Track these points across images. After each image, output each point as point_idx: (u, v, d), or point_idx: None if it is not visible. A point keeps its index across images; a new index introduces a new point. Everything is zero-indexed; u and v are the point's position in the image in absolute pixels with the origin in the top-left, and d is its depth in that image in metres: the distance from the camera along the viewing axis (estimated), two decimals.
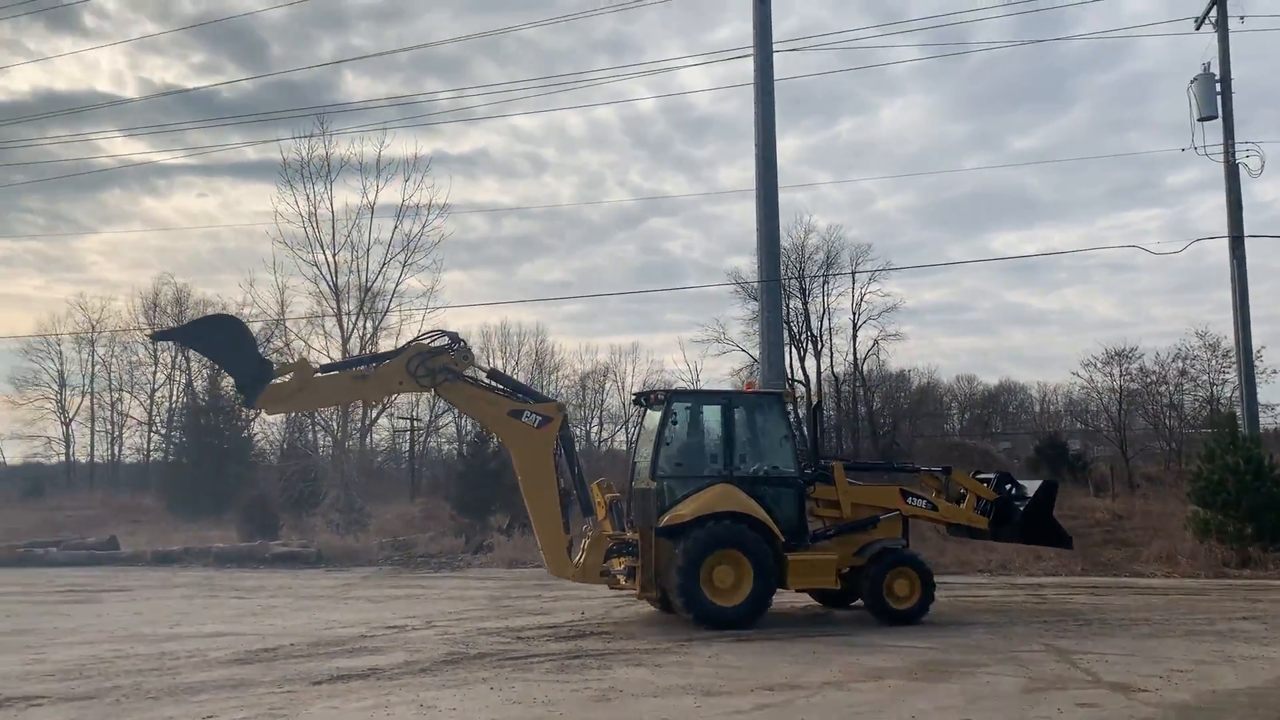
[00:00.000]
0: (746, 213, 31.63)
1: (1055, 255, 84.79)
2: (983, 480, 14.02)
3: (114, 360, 48.29)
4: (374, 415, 34.73)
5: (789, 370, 39.85)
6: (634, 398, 13.62)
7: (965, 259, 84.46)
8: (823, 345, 42.26)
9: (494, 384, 13.00)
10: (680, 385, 51.05)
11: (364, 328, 33.94)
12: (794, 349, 41.46)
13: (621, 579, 12.39)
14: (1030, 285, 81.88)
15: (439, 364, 12.36)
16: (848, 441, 42.70)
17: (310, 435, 35.16)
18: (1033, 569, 18.00)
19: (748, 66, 30.74)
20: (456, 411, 33.00)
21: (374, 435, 35.70)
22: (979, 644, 10.51)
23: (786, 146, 78.38)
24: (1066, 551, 15.98)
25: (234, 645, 10.77)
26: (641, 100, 76.87)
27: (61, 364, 49.04)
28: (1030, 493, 13.39)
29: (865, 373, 43.22)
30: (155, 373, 47.56)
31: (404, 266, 33.35)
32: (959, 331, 78.20)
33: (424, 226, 33.43)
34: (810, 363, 42.29)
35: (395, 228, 33.30)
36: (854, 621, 12.27)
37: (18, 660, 10.03)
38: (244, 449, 37.10)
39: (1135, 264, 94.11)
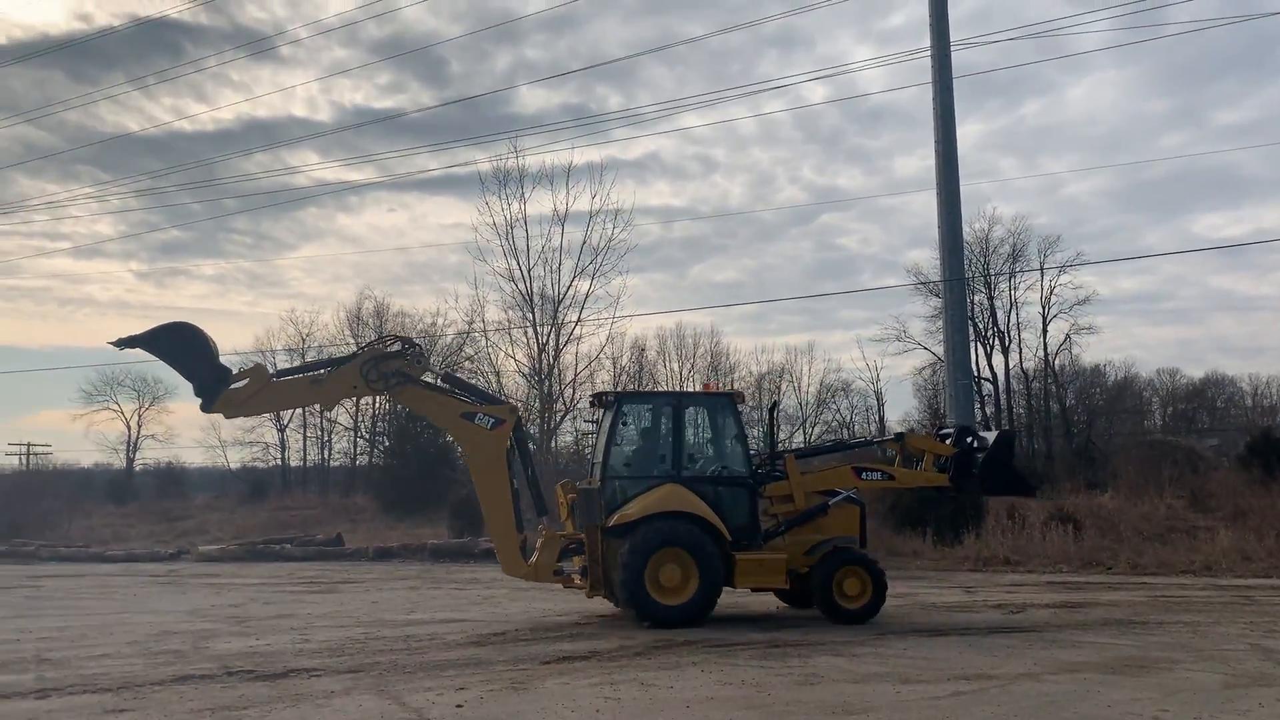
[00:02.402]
0: (926, 203, 31.43)
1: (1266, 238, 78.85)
2: (944, 436, 13.90)
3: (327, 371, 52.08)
4: (558, 419, 36.48)
5: (975, 368, 39.20)
6: (590, 399, 13.85)
7: (1165, 243, 79.58)
8: (1010, 341, 41.20)
9: (447, 387, 13.35)
10: (859, 384, 50.79)
11: (551, 336, 35.85)
12: (979, 346, 40.65)
13: (576, 578, 12.73)
14: (1240, 269, 76.52)
15: (392, 368, 12.65)
16: (1039, 440, 41.49)
17: None
18: (1240, 570, 17.41)
19: (924, 48, 30.65)
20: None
21: (557, 440, 37.33)
22: (1180, 642, 10.53)
23: (968, 133, 76.26)
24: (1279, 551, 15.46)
25: (466, 629, 11.98)
26: (813, 93, 76.66)
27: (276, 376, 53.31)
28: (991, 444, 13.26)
29: (1057, 368, 41.87)
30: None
31: (593, 277, 35.01)
32: (1160, 321, 74.15)
33: (611, 236, 35.01)
34: (997, 359, 41.32)
35: (584, 244, 35.02)
36: (1050, 620, 12.39)
37: (289, 640, 11.56)
38: (448, 452, 39.46)
39: None
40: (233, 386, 12.50)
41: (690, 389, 50.81)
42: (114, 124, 79.90)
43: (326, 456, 53.41)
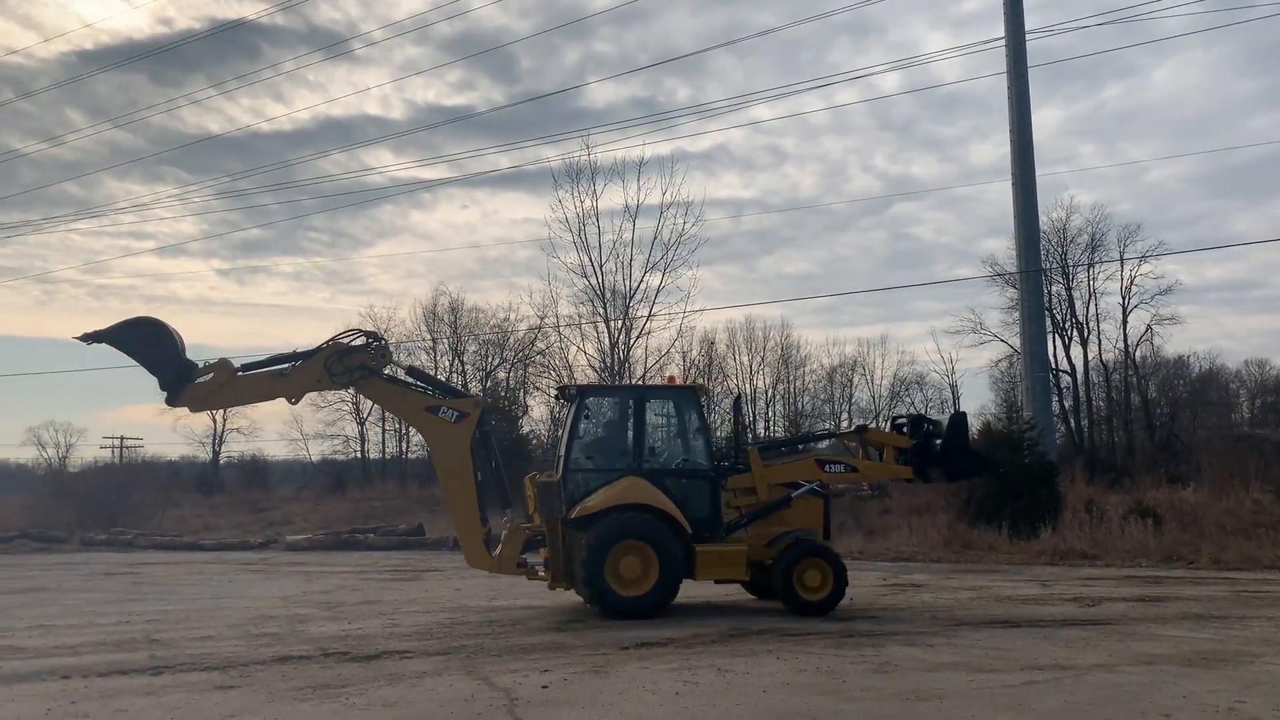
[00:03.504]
0: (1002, 191, 31.05)
1: None
2: (900, 426, 13.94)
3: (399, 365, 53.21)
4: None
5: (1052, 360, 38.59)
6: (555, 392, 13.91)
7: (1255, 230, 77.15)
8: (1089, 332, 40.48)
9: (412, 381, 13.36)
10: (934, 377, 50.29)
11: (623, 331, 36.25)
12: (1057, 337, 40.00)
13: (541, 570, 12.81)
14: None
15: (355, 362, 12.66)
16: (1119, 434, 40.70)
17: None
18: None
19: (1000, 37, 30.25)
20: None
21: None
22: (1261, 636, 10.46)
23: (1046, 119, 74.90)
24: None
25: (546, 616, 12.38)
26: (885, 81, 75.78)
27: None
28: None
29: (1138, 360, 41.02)
30: (435, 375, 52.19)
31: (664, 271, 35.30)
32: (1248, 310, 72.14)
33: (682, 230, 35.28)
34: (1076, 351, 40.62)
35: (655, 239, 35.31)
36: (1127, 613, 12.35)
37: (379, 624, 12.09)
38: (523, 444, 40.11)
39: None
40: (198, 380, 12.54)
41: (760, 383, 50.86)
42: (196, 126, 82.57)
43: (405, 449, 54.60)
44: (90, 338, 12.40)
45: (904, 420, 14.35)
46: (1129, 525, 20.71)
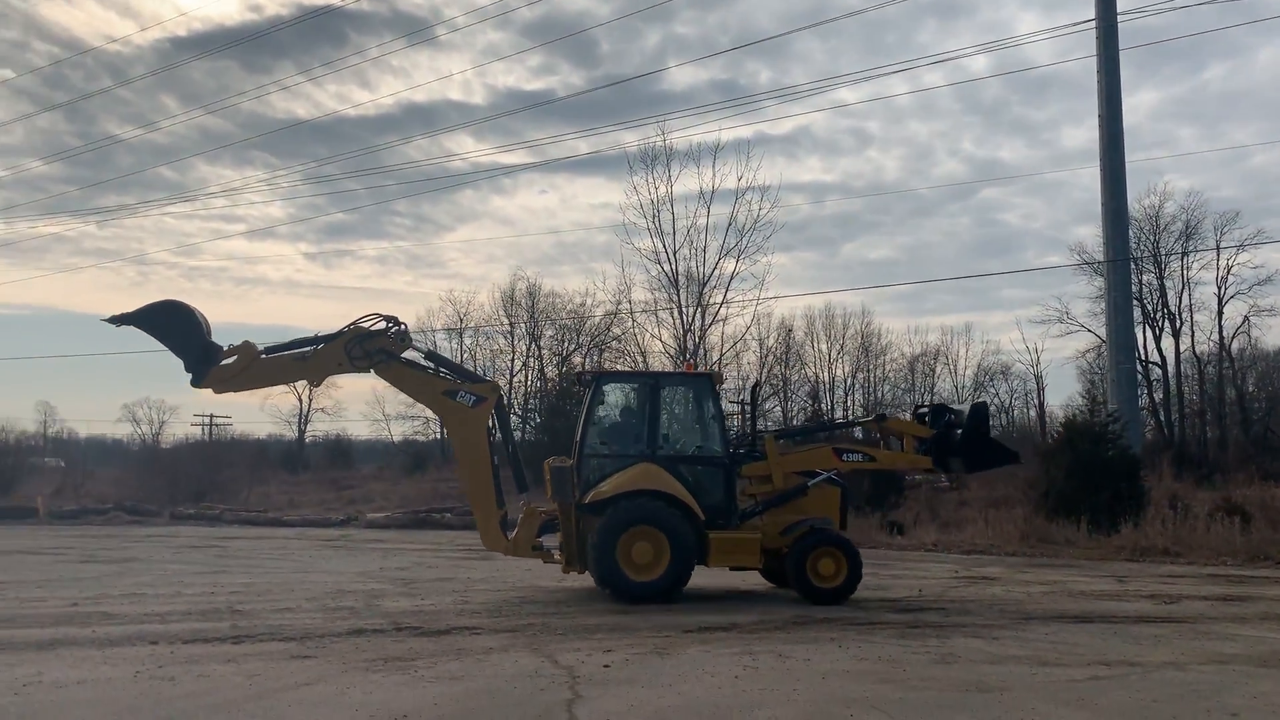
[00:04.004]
0: (1095, 176, 30.13)
1: None
2: (921, 415, 13.63)
3: (478, 349, 54.09)
4: None
5: (1142, 351, 37.54)
6: (573, 378, 13.81)
7: None
8: (1181, 323, 39.27)
9: (430, 365, 13.34)
10: (1019, 367, 49.26)
11: (697, 317, 36.27)
12: (1148, 328, 38.91)
13: (556, 553, 12.82)
14: None
15: (375, 346, 12.75)
16: (1211, 428, 39.42)
17: None
18: None
19: (1091, 17, 29.42)
20: None
21: None
22: None
23: (1142, 102, 72.65)
24: None
25: (612, 598, 12.55)
26: (974, 63, 74.18)
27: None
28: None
29: (1233, 352, 39.63)
30: (513, 360, 52.89)
31: (738, 257, 35.22)
32: None
33: (758, 216, 35.12)
34: (1167, 343, 39.44)
35: (729, 225, 35.23)
36: (1205, 612, 12.05)
37: (451, 601, 12.42)
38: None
39: None
40: (223, 363, 12.75)
41: (839, 372, 50.39)
42: (284, 111, 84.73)
43: None
44: (119, 320, 12.68)
45: (925, 410, 14.16)
46: (1215, 523, 20.07)
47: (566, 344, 47.18)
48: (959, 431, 13.21)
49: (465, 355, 55.23)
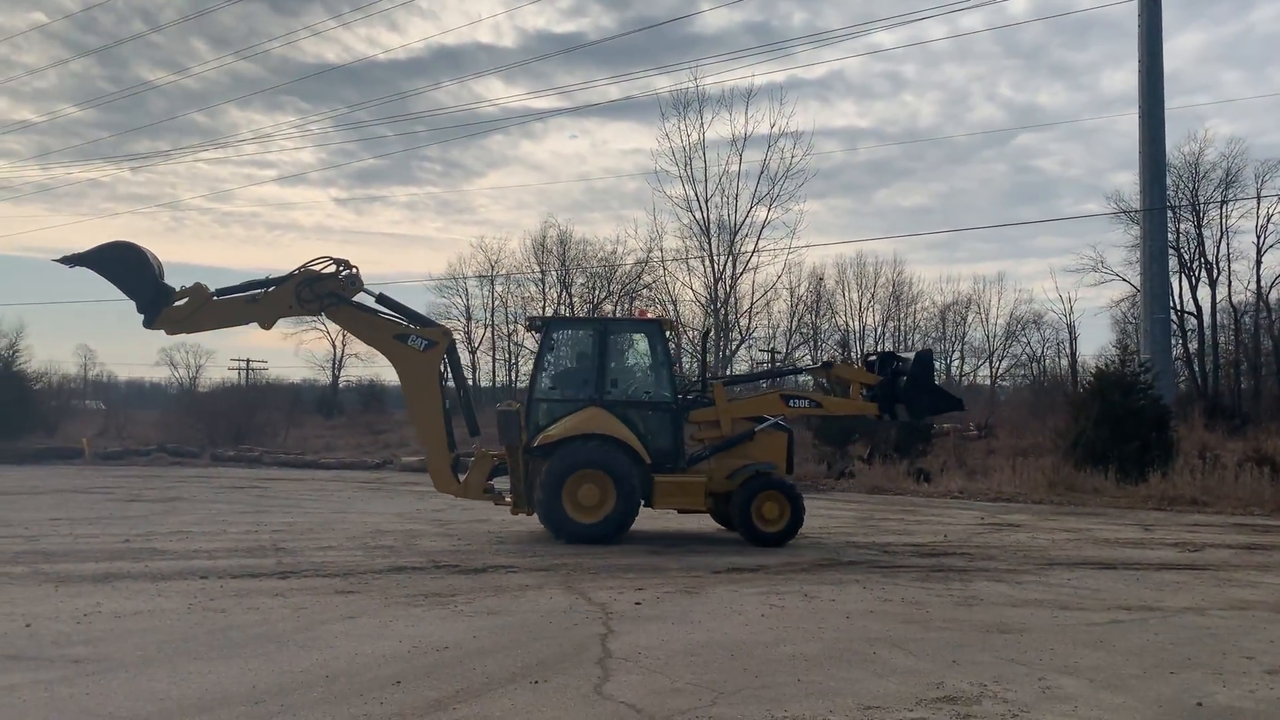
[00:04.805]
0: (1135, 123, 29.67)
1: None
2: (871, 363, 13.97)
3: (509, 296, 54.35)
4: (733, 348, 36.95)
5: (1178, 301, 37.17)
6: (525, 323, 13.99)
7: None
8: (1219, 273, 38.72)
9: (380, 309, 13.30)
10: (1052, 316, 48.92)
11: (727, 265, 36.25)
12: (1184, 277, 38.44)
13: (506, 496, 13.07)
14: None
15: (325, 289, 12.81)
16: (1246, 379, 39.07)
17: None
18: None
19: None
20: None
21: (732, 368, 37.91)
22: None
23: (1186, 44, 70.96)
24: None
25: (644, 540, 12.87)
26: (1014, 5, 72.57)
27: (467, 300, 55.88)
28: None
29: (1271, 302, 39.11)
30: (544, 307, 53.15)
31: (769, 205, 35.08)
32: None
33: (790, 163, 34.89)
34: (1203, 292, 38.95)
35: (762, 173, 35.05)
36: (1229, 560, 12.18)
37: (486, 541, 12.86)
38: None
39: None
40: (175, 304, 12.77)
41: (869, 321, 50.24)
42: (315, 55, 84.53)
43: (514, 377, 55.84)
44: (71, 260, 12.68)
45: (874, 357, 14.46)
46: (1244, 473, 20.08)
47: (597, 292, 47.33)
48: (905, 379, 13.47)
49: (496, 302, 55.60)
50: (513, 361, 57.84)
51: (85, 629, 7.45)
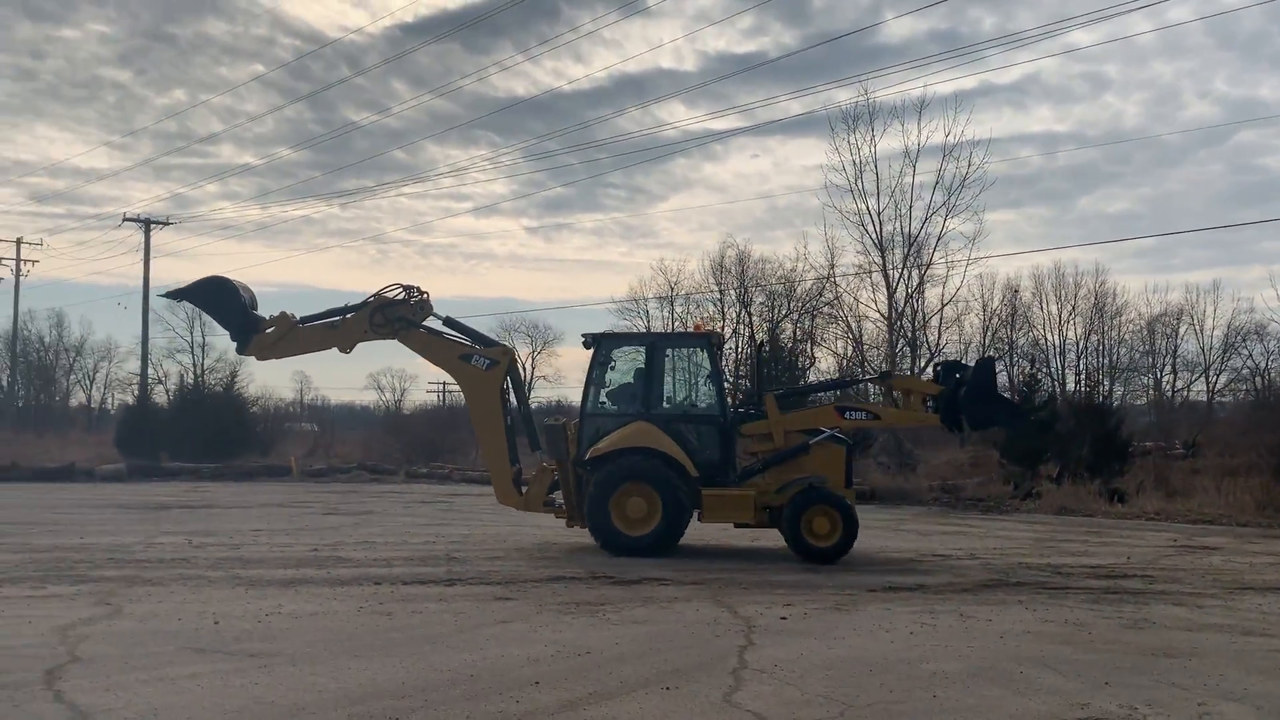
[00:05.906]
0: None
1: None
2: (938, 374, 13.34)
3: (689, 316, 54.75)
4: (921, 365, 35.96)
5: None
6: (583, 341, 13.56)
7: None
8: None
9: (447, 331, 13.84)
10: (1275, 325, 45.18)
11: (910, 278, 35.38)
12: None
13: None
14: None
15: (397, 314, 13.46)
16: None
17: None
18: None
19: None
20: None
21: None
22: None
23: None
24: None
25: (796, 560, 12.76)
26: None
27: (648, 321, 56.73)
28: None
29: None
30: (723, 327, 53.32)
31: (947, 214, 34.10)
32: None
33: (967, 173, 33.83)
34: None
35: (937, 182, 34.16)
36: None
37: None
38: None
39: None
40: (264, 332, 13.79)
41: (1070, 334, 47.75)
42: (505, 90, 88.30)
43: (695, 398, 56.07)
44: (175, 295, 14.30)
45: (939, 367, 13.93)
46: None
47: (776, 310, 47.06)
48: (964, 388, 12.90)
49: (676, 323, 56.16)
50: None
51: (264, 627, 8.11)
